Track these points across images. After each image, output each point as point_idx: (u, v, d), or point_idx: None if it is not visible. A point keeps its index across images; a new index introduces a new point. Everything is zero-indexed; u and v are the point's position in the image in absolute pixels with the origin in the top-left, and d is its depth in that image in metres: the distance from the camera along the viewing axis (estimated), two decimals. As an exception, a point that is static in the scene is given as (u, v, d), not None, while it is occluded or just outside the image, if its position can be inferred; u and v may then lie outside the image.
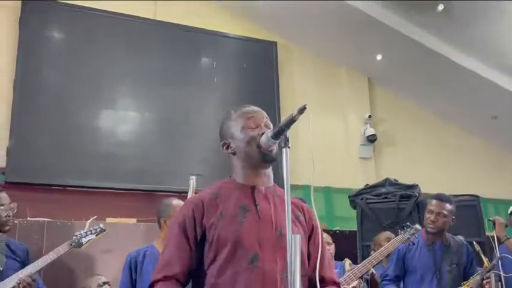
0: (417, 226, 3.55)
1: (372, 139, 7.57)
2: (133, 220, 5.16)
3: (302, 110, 1.54)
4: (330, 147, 7.37)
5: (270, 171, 1.87)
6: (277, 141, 1.68)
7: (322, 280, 1.83)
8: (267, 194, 1.82)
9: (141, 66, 6.34)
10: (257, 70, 7.02)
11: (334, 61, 7.75)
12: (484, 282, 3.43)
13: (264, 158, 1.78)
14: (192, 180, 4.68)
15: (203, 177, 4.76)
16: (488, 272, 3.42)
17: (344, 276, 3.32)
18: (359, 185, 5.90)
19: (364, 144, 7.66)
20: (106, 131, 6.06)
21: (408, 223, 3.58)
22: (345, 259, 4.15)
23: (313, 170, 1.61)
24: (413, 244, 3.57)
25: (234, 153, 1.85)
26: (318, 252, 1.74)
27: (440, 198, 3.67)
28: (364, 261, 3.39)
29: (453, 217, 3.65)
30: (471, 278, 3.55)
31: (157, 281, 1.71)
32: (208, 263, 1.71)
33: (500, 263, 3.49)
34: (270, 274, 1.67)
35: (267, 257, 1.69)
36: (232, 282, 1.66)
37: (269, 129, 1.78)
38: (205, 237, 1.73)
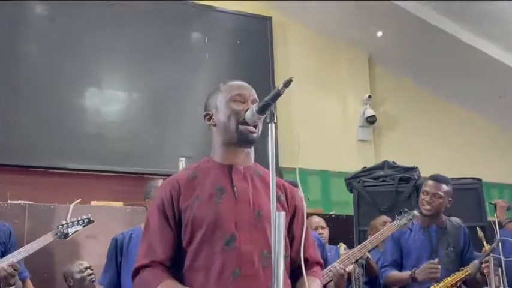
0: (415, 212, 3.58)
1: (371, 120, 7.59)
2: (120, 204, 5.20)
3: (288, 83, 1.55)
4: (326, 129, 7.40)
5: (250, 149, 1.89)
6: (263, 116, 1.70)
7: (306, 261, 1.87)
8: (246, 174, 1.84)
9: (129, 43, 6.33)
10: (251, 46, 7.01)
11: (332, 37, 7.73)
12: (483, 266, 3.48)
13: (240, 137, 1.81)
14: (181, 162, 4.73)
15: (193, 159, 4.78)
16: (487, 255, 3.46)
17: (340, 260, 3.37)
18: (357, 169, 5.94)
19: (363, 126, 7.67)
20: (91, 111, 6.06)
21: (406, 209, 3.61)
22: (340, 244, 4.20)
23: (298, 147, 1.62)
24: (411, 230, 3.61)
25: (214, 125, 1.88)
26: (301, 232, 1.76)
27: (437, 178, 3.70)
28: (360, 246, 3.44)
29: (450, 199, 3.68)
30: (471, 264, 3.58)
31: (144, 266, 1.74)
32: (184, 246, 1.75)
33: (500, 247, 3.53)
34: (246, 255, 1.70)
35: (244, 237, 1.72)
36: (208, 266, 1.70)
37: None
38: (182, 220, 1.76)
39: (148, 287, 1.70)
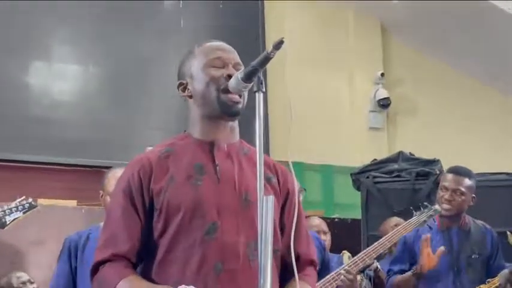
0: (437, 207, 3.67)
1: (384, 104, 7.70)
2: (73, 202, 5.25)
3: (279, 44, 1.62)
4: (330, 115, 7.47)
5: (235, 123, 1.94)
6: (249, 84, 1.76)
7: (298, 258, 1.90)
8: (230, 152, 1.90)
9: (84, 5, 6.34)
10: (237, 11, 7.06)
11: (339, 3, 7.80)
12: (515, 276, 3.57)
13: (222, 108, 1.86)
14: (151, 152, 4.78)
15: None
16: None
17: (343, 266, 3.44)
18: (367, 163, 6.02)
19: (374, 111, 7.80)
20: (38, 89, 6.10)
21: (426, 203, 3.71)
22: (343, 251, 4.29)
23: (291, 120, 1.71)
24: (431, 228, 3.69)
25: (190, 97, 1.93)
26: (292, 222, 1.79)
27: (457, 171, 3.78)
28: (368, 249, 3.51)
29: (473, 195, 3.76)
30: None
31: (104, 261, 1.78)
32: (157, 236, 1.81)
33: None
34: (230, 246, 1.76)
35: (228, 226, 1.78)
36: (185, 258, 1.76)
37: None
38: (154, 205, 1.81)
39: (108, 285, 1.74)
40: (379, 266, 3.93)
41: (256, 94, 1.70)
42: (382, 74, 7.78)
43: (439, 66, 8.27)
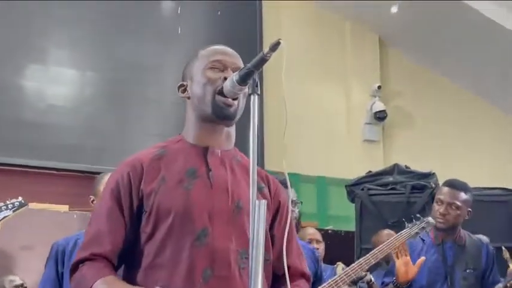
0: (429, 219, 3.65)
1: (381, 116, 7.69)
2: (65, 207, 5.21)
3: (275, 45, 1.61)
4: (326, 126, 7.46)
5: (231, 130, 1.93)
6: (244, 87, 1.74)
7: (288, 270, 1.89)
8: (224, 158, 1.88)
9: (83, 10, 6.33)
10: (235, 19, 7.07)
11: (336, 13, 7.81)
12: (508, 291, 3.56)
13: (215, 110, 1.84)
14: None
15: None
16: (512, 279, 3.54)
17: (335, 278, 3.41)
18: (362, 175, 6.00)
19: (370, 123, 7.79)
20: (33, 92, 6.08)
21: (418, 215, 3.68)
22: (338, 263, 4.26)
23: (286, 124, 1.68)
24: (423, 241, 3.67)
25: (188, 98, 1.93)
26: (283, 233, 1.76)
27: (453, 184, 3.76)
28: (360, 260, 3.49)
29: (469, 209, 3.75)
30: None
31: (83, 260, 1.77)
32: (145, 240, 1.79)
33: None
34: (221, 253, 1.75)
35: (219, 232, 1.76)
36: (174, 263, 1.73)
37: None
38: (142, 208, 1.79)
39: (85, 284, 1.72)
40: (372, 279, 3.90)
41: (251, 96, 1.67)
42: (379, 87, 7.79)
43: (435, 79, 8.30)
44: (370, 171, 5.73)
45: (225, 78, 1.81)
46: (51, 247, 3.31)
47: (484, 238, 4.12)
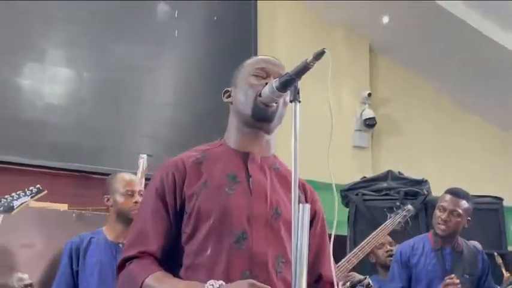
0: (409, 206, 3.75)
1: (370, 123, 7.77)
2: (64, 206, 5.19)
3: (319, 55, 1.65)
4: (315, 131, 7.48)
5: (271, 138, 1.97)
6: (284, 93, 1.79)
7: (320, 279, 1.95)
8: (263, 165, 1.92)
9: (81, 11, 6.31)
10: (231, 24, 7.09)
11: (329, 21, 7.87)
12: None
13: (254, 111, 1.87)
14: (143, 160, 4.76)
15: (153, 158, 4.83)
16: (510, 284, 3.62)
17: None
18: (350, 180, 6.05)
19: (360, 130, 7.86)
20: (30, 91, 6.03)
21: (398, 203, 3.76)
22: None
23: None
24: (408, 224, 3.76)
25: (231, 103, 1.97)
26: (320, 244, 1.89)
27: (456, 193, 3.86)
28: (349, 255, 3.54)
29: (468, 218, 3.83)
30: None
31: (131, 257, 1.79)
32: (185, 240, 1.81)
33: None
34: (259, 257, 1.77)
35: (257, 237, 1.79)
36: (212, 263, 1.75)
37: None
38: (184, 209, 1.82)
39: (134, 281, 1.74)
40: (371, 282, 3.95)
41: (292, 104, 1.70)
42: (369, 94, 7.86)
43: (426, 87, 8.38)
44: (364, 177, 5.80)
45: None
46: (65, 245, 3.32)
47: (478, 245, 4.21)
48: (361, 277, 3.68)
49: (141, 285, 1.71)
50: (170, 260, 1.83)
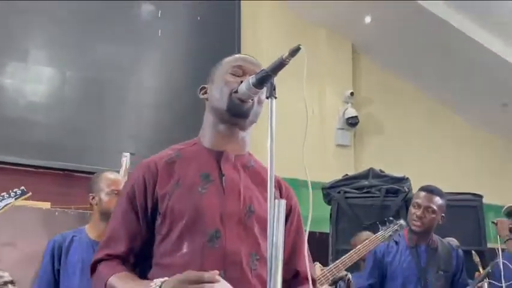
0: (402, 222, 3.76)
1: (352, 122, 7.79)
2: (47, 204, 5.16)
3: (295, 51, 1.64)
4: (298, 130, 7.48)
5: (246, 135, 1.97)
6: (260, 90, 1.79)
7: (296, 274, 1.95)
8: (237, 163, 1.91)
9: (64, 10, 6.30)
10: (214, 24, 7.09)
11: (311, 21, 7.89)
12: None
13: (229, 106, 1.87)
14: (126, 158, 4.75)
15: (136, 156, 4.82)
16: (481, 281, 3.66)
17: None
18: (333, 178, 6.08)
19: (342, 129, 7.88)
20: (13, 89, 6.01)
21: (391, 218, 3.77)
22: (315, 262, 4.31)
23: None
24: (396, 243, 3.76)
25: (207, 99, 1.98)
26: (295, 239, 1.88)
27: (430, 190, 3.88)
28: (337, 262, 3.55)
29: (442, 214, 3.85)
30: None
31: (99, 260, 1.82)
32: (159, 240, 1.81)
33: (502, 272, 3.72)
34: (233, 255, 1.76)
35: (231, 235, 1.78)
36: (186, 263, 1.73)
37: None
38: (157, 210, 1.82)
39: (101, 281, 1.77)
40: (351, 278, 3.96)
41: (269, 100, 1.70)
42: (352, 93, 7.88)
43: (407, 87, 8.43)
44: (346, 175, 5.81)
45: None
46: (47, 244, 3.31)
47: (454, 241, 4.24)
48: (343, 273, 3.69)
49: (105, 285, 1.75)
50: (144, 260, 1.84)
